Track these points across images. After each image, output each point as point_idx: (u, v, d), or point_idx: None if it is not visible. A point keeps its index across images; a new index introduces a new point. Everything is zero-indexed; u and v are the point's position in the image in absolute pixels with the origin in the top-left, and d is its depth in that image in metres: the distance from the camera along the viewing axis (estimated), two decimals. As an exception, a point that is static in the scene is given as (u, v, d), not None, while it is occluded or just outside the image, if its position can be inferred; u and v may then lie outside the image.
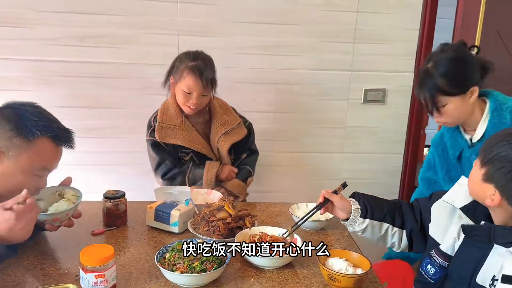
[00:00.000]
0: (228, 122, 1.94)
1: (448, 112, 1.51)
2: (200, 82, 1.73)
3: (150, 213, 1.47)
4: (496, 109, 1.52)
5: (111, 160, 2.33)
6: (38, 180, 1.26)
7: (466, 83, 1.49)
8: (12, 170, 1.19)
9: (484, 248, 1.08)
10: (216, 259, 1.16)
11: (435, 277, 1.19)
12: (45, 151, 1.23)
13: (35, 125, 1.20)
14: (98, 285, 1.07)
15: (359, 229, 1.33)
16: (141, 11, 2.18)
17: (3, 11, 2.11)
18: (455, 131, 1.64)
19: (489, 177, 1.05)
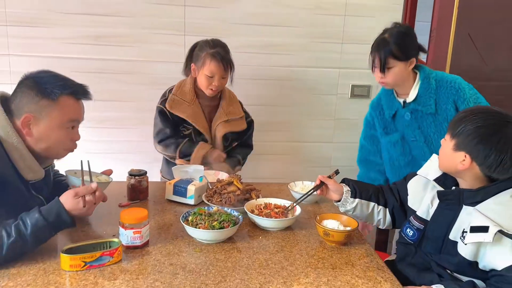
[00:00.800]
0: (232, 113, 2.11)
1: (392, 74, 1.81)
2: (222, 66, 1.93)
3: (169, 188, 1.70)
4: (425, 78, 1.86)
5: (123, 148, 2.54)
6: (71, 133, 1.41)
7: (411, 53, 1.81)
8: (48, 128, 1.34)
9: (455, 210, 1.31)
10: (231, 219, 1.40)
11: (413, 238, 1.43)
12: (68, 105, 1.37)
13: (54, 86, 1.34)
14: (135, 240, 1.30)
15: (350, 208, 1.53)
16: (151, 13, 2.40)
17: (26, 12, 2.31)
18: (391, 95, 1.96)
19: (459, 146, 1.27)
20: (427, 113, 1.87)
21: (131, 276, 1.15)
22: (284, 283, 1.15)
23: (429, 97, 1.85)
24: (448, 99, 1.85)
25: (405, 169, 1.97)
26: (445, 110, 1.85)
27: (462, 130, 1.27)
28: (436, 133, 1.88)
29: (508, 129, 1.22)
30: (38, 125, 1.34)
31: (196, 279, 1.15)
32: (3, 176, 1.25)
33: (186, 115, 2.03)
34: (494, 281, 1.19)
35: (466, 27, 2.45)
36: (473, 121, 1.25)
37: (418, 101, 1.87)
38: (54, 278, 1.12)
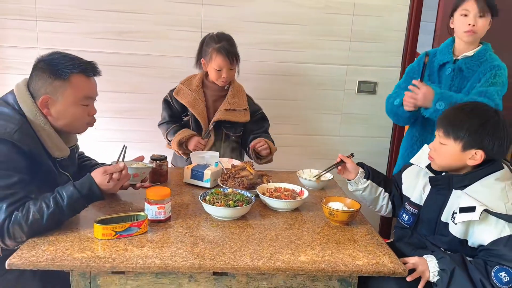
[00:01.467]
0: (236, 104, 2.20)
1: (483, 23, 1.89)
2: (227, 59, 2.06)
3: (187, 172, 1.85)
4: (486, 49, 1.95)
5: (141, 137, 2.68)
6: (87, 109, 1.52)
7: (496, 10, 1.91)
8: (64, 107, 1.45)
9: (445, 194, 1.45)
10: (244, 199, 1.54)
11: (409, 222, 1.58)
12: (80, 83, 1.46)
13: (64, 67, 1.43)
14: (159, 215, 1.44)
15: (361, 187, 1.67)
16: (170, 11, 2.54)
17: (52, 8, 2.46)
18: (450, 48, 2.02)
19: (469, 145, 1.38)
20: (466, 76, 1.95)
21: (157, 245, 1.29)
22: (292, 253, 1.29)
23: (477, 63, 1.94)
24: (482, 72, 1.92)
25: (423, 120, 2.04)
26: (475, 81, 1.93)
27: (469, 132, 1.38)
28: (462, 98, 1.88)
29: (498, 116, 1.39)
30: (55, 105, 1.45)
31: (214, 248, 1.29)
32: (34, 154, 1.39)
33: (186, 101, 2.17)
34: (481, 255, 1.33)
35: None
36: (475, 120, 1.38)
37: (466, 61, 1.95)
38: (88, 245, 1.27)
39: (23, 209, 1.29)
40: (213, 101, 2.22)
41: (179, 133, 2.14)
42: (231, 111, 2.18)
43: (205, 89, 2.22)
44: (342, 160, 1.70)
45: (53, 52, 1.50)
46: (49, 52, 1.50)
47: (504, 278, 1.25)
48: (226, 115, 2.17)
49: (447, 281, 1.29)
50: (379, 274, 1.24)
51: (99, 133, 2.60)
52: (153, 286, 1.25)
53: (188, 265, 1.20)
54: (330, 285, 1.30)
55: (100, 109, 2.59)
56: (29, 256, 1.19)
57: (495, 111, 1.41)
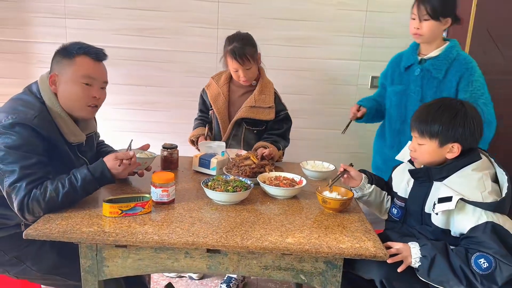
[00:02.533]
0: (262, 101, 2.18)
1: (427, 26, 1.96)
2: (238, 61, 2.07)
3: (196, 160, 1.97)
4: (451, 47, 2.02)
5: (159, 128, 2.84)
6: (89, 89, 1.60)
7: (448, 12, 1.96)
8: (67, 83, 1.57)
9: (427, 186, 1.52)
10: (243, 186, 1.64)
11: (398, 216, 1.64)
12: (83, 63, 1.58)
13: (73, 48, 1.58)
14: (163, 197, 1.56)
15: (367, 193, 1.70)
16: (188, 8, 2.67)
17: (80, 7, 2.65)
18: (414, 50, 2.12)
19: (445, 140, 1.44)
20: (435, 76, 2.01)
21: (157, 223, 1.42)
22: (280, 235, 1.38)
23: (444, 63, 2.00)
24: (457, 72, 1.98)
25: (396, 119, 2.18)
26: (450, 81, 1.99)
27: (441, 128, 1.44)
28: (433, 97, 1.98)
29: (465, 107, 1.45)
30: (60, 81, 1.58)
31: (209, 228, 1.40)
32: (52, 138, 1.54)
33: (209, 96, 2.25)
34: (463, 243, 1.38)
35: (485, 23, 2.54)
36: (444, 115, 1.44)
37: (433, 62, 2.02)
38: (97, 221, 1.41)
39: (41, 187, 1.44)
40: (239, 96, 2.25)
41: (192, 132, 2.26)
42: (256, 108, 2.18)
43: (232, 84, 2.26)
44: (345, 169, 1.72)
45: (74, 41, 1.65)
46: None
47: (483, 264, 1.30)
48: (249, 113, 2.18)
49: (428, 267, 1.35)
50: (360, 257, 1.32)
51: (120, 124, 2.78)
52: (153, 260, 1.38)
53: (183, 241, 1.31)
54: (316, 266, 1.38)
55: (121, 101, 2.80)
56: (44, 228, 1.34)
57: (461, 103, 1.46)
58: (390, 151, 2.17)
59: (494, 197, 1.37)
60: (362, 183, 1.70)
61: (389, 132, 2.24)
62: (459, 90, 1.98)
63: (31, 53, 2.72)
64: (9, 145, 1.44)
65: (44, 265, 1.63)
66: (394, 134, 2.21)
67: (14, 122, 1.45)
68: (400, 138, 2.17)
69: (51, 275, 1.66)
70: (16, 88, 1.68)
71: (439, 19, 1.94)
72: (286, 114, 2.29)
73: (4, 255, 1.60)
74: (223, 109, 2.23)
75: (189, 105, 2.63)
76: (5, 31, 2.68)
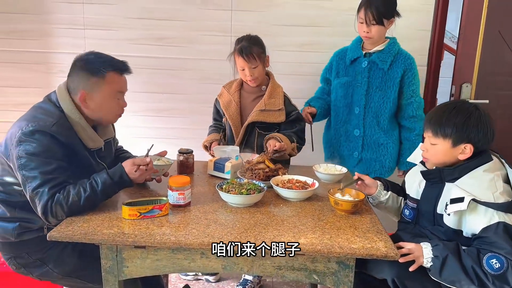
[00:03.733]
0: (272, 104, 2.23)
1: (376, 29, 2.20)
2: (243, 58, 2.13)
3: (210, 164, 2.02)
4: (393, 43, 2.29)
5: (176, 134, 2.91)
6: (120, 102, 1.72)
7: (393, 13, 2.22)
8: (100, 100, 1.65)
9: (439, 187, 1.54)
10: (257, 188, 1.69)
11: (410, 217, 1.66)
12: (114, 80, 1.67)
13: (99, 65, 1.62)
14: (179, 200, 1.62)
15: (384, 199, 1.72)
16: (202, 18, 2.73)
17: (98, 17, 2.74)
18: (358, 45, 2.35)
19: (458, 140, 1.47)
20: (380, 67, 2.26)
21: (174, 225, 1.47)
22: (293, 236, 1.42)
23: (388, 56, 2.25)
24: (401, 65, 2.25)
25: (343, 110, 2.40)
26: (395, 73, 2.25)
27: (454, 129, 1.47)
28: (378, 88, 2.28)
29: (479, 109, 1.48)
30: (92, 99, 1.65)
31: (224, 229, 1.45)
32: (72, 145, 1.61)
33: (222, 103, 2.31)
34: (475, 244, 1.40)
35: (497, 25, 2.55)
36: (459, 116, 1.47)
37: (378, 55, 2.26)
38: (116, 223, 1.47)
39: (64, 191, 1.51)
40: (250, 101, 2.30)
41: (206, 138, 2.33)
42: (266, 111, 2.22)
43: (242, 91, 2.33)
44: (360, 177, 1.74)
45: (90, 52, 1.71)
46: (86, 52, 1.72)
47: (495, 265, 1.32)
48: (260, 116, 2.22)
49: (439, 267, 1.37)
50: (371, 257, 1.35)
51: (138, 130, 2.86)
52: (170, 260, 1.43)
53: (198, 242, 1.37)
54: (329, 267, 1.42)
55: (139, 108, 2.87)
56: (66, 230, 1.41)
57: (475, 106, 1.49)
58: (337, 141, 2.46)
59: (506, 197, 1.39)
60: (378, 191, 1.72)
61: (334, 123, 2.45)
62: (404, 83, 2.26)
63: (52, 63, 2.82)
64: (30, 152, 1.51)
65: (65, 267, 1.70)
66: (340, 124, 2.43)
67: (34, 129, 1.52)
68: (346, 127, 2.41)
69: (72, 278, 1.74)
70: (38, 97, 1.75)
71: (384, 23, 2.19)
72: (298, 113, 2.31)
73: (28, 257, 1.68)
74: (235, 115, 2.29)
75: (204, 111, 2.69)
76: (28, 43, 2.79)
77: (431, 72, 2.79)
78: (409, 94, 2.29)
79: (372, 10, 2.14)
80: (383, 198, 1.73)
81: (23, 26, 2.77)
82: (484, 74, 2.59)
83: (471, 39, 2.55)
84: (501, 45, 2.58)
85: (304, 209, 1.67)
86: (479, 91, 2.61)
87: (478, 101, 2.60)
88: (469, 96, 2.59)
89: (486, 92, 2.61)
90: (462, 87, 2.59)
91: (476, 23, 2.53)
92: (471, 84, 2.59)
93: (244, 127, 2.26)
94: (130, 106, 1.83)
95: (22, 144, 1.52)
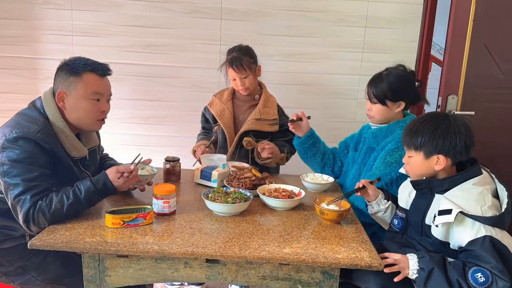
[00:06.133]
0: (266, 113, 2.27)
1: (377, 110, 1.93)
2: (234, 69, 2.16)
3: (197, 173, 2.01)
4: (398, 124, 1.91)
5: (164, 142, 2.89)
6: (98, 104, 1.67)
7: (400, 96, 1.89)
8: (76, 100, 1.63)
9: (428, 198, 1.54)
10: (243, 197, 1.68)
11: (398, 226, 1.66)
12: (91, 80, 1.64)
13: (78, 65, 1.62)
14: (164, 209, 1.60)
15: (383, 208, 1.70)
16: (192, 26, 2.74)
17: (87, 24, 2.73)
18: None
19: (429, 152, 1.48)
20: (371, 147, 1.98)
21: (158, 234, 1.46)
22: (278, 246, 1.41)
23: (382, 138, 1.94)
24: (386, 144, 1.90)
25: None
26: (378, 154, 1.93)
27: (423, 140, 1.48)
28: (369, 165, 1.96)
29: (449, 120, 1.47)
30: (68, 98, 1.63)
31: (209, 238, 1.44)
32: (55, 152, 1.58)
33: (214, 111, 2.32)
34: (461, 257, 1.40)
35: (482, 38, 2.58)
36: (427, 128, 1.48)
37: (376, 133, 1.96)
38: (99, 232, 1.45)
39: (46, 199, 1.49)
40: (243, 111, 2.33)
41: (200, 142, 2.30)
42: (261, 120, 2.26)
43: (235, 100, 2.35)
44: (364, 185, 1.70)
45: (75, 57, 1.70)
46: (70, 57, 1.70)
47: (480, 279, 1.32)
48: (255, 125, 2.25)
49: (425, 280, 1.36)
50: (355, 267, 1.34)
51: (126, 138, 2.84)
52: (153, 269, 1.42)
53: (182, 251, 1.35)
54: (313, 277, 1.41)
55: (127, 115, 2.86)
56: (48, 239, 1.39)
57: (446, 116, 1.49)
58: None
59: (494, 211, 1.38)
60: (379, 198, 1.70)
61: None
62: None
63: (40, 69, 2.80)
64: (13, 159, 1.49)
65: (48, 275, 1.68)
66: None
67: (18, 136, 1.50)
68: None
69: (55, 285, 1.71)
70: (24, 103, 1.73)
71: (387, 104, 1.90)
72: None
73: (9, 266, 1.65)
74: (229, 124, 2.30)
75: (192, 119, 2.68)
76: (16, 48, 2.77)
77: (418, 84, 2.81)
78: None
79: (372, 88, 1.92)
80: (382, 207, 1.71)
81: (10, 31, 2.75)
82: (470, 86, 2.61)
83: (457, 51, 2.57)
84: (487, 57, 2.61)
85: (290, 219, 1.67)
86: (465, 103, 2.63)
87: (464, 112, 2.61)
88: (455, 107, 2.62)
89: (472, 104, 2.64)
90: (449, 99, 2.61)
91: (462, 35, 2.56)
92: (457, 95, 2.62)
93: (238, 136, 2.27)
94: (117, 113, 1.83)
95: (5, 151, 1.50)
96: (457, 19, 2.56)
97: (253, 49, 2.27)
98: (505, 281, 1.29)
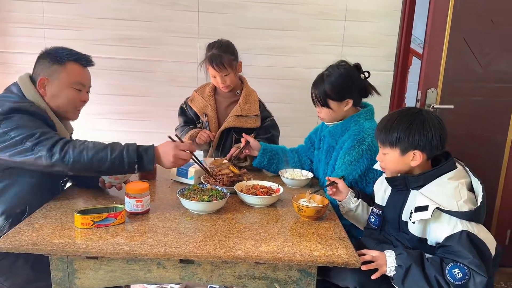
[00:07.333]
0: (247, 109, 2.25)
1: (326, 111, 1.88)
2: (214, 67, 2.12)
3: (173, 170, 1.96)
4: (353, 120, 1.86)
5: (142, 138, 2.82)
6: (79, 94, 1.71)
7: (345, 95, 1.84)
8: (58, 88, 1.66)
9: (404, 194, 1.52)
10: (219, 195, 1.64)
11: (375, 223, 1.64)
12: (74, 69, 1.68)
13: (62, 54, 1.66)
14: (137, 208, 1.55)
15: (353, 206, 1.69)
16: (169, 18, 2.67)
17: (59, 17, 2.64)
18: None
19: (405, 148, 1.46)
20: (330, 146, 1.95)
21: (130, 234, 1.40)
22: (254, 244, 1.38)
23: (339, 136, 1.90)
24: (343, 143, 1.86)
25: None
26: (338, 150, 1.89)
27: (399, 136, 1.46)
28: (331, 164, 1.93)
29: (423, 115, 1.46)
30: (50, 85, 1.66)
31: (182, 238, 1.39)
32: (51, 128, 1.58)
33: (197, 108, 2.28)
34: (439, 253, 1.39)
35: (461, 31, 2.58)
36: (401, 125, 1.46)
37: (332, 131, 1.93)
38: (68, 233, 1.39)
39: (75, 142, 1.50)
40: (225, 107, 2.30)
41: (191, 131, 2.27)
42: (242, 117, 2.24)
43: (217, 96, 2.31)
44: (333, 181, 1.70)
45: (56, 46, 1.73)
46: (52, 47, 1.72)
47: (458, 275, 1.30)
48: (236, 122, 2.23)
49: (402, 276, 1.35)
50: (332, 264, 1.31)
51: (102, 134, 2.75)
52: (125, 271, 1.37)
53: (155, 252, 1.30)
54: (290, 275, 1.38)
55: (103, 111, 2.78)
56: (13, 241, 1.32)
57: (419, 111, 1.48)
58: None
59: (470, 206, 1.37)
60: (348, 197, 1.69)
61: None
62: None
63: (10, 63, 2.70)
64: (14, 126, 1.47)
65: (17, 280, 1.61)
66: None
67: (12, 107, 1.50)
68: None
69: None
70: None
71: (331, 106, 1.85)
72: (272, 120, 2.35)
73: (-25, 271, 1.58)
74: (213, 120, 2.28)
75: (170, 114, 2.62)
76: (-17, 42, 2.66)
77: (398, 77, 2.80)
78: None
79: (314, 91, 1.89)
80: (352, 205, 1.70)
81: (-22, 24, 2.64)
82: (449, 80, 2.62)
83: (436, 45, 2.57)
84: (466, 51, 2.61)
85: (268, 216, 1.63)
86: (444, 97, 2.63)
87: (443, 106, 2.61)
88: (434, 101, 2.61)
89: (451, 97, 2.64)
90: (428, 93, 2.61)
91: (442, 29, 2.55)
92: (436, 89, 2.62)
93: (220, 132, 2.24)
94: (93, 109, 1.79)
95: (3, 122, 1.48)
96: (436, 13, 2.55)
97: (233, 45, 2.22)
98: (482, 276, 1.29)
